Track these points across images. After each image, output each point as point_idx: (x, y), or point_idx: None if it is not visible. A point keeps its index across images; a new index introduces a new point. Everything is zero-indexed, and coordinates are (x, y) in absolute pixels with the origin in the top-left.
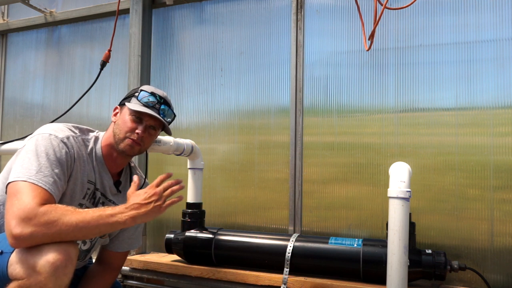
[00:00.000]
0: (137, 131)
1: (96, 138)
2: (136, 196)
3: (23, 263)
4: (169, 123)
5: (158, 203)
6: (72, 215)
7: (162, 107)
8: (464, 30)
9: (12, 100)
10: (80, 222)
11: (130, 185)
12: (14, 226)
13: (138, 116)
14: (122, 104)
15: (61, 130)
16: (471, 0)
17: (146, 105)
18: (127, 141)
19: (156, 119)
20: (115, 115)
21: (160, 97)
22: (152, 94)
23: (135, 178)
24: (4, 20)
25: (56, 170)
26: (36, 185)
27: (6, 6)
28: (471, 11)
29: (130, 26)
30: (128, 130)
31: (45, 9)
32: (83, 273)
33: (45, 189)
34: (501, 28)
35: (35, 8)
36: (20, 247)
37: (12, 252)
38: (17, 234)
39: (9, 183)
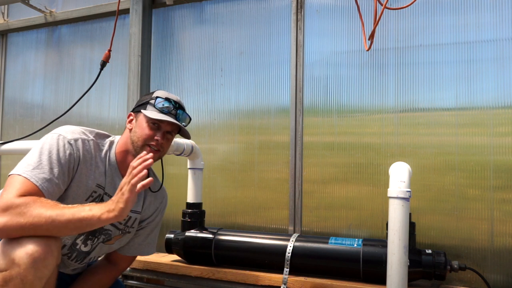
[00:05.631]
0: (156, 137)
1: (111, 143)
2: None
3: (4, 255)
4: (185, 126)
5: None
6: (49, 208)
7: (178, 112)
8: (464, 30)
9: (12, 100)
10: (55, 216)
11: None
12: None
13: (156, 123)
14: (136, 111)
15: (72, 132)
16: (471, 0)
17: (162, 111)
18: (147, 148)
19: (174, 124)
20: (130, 121)
21: (175, 102)
22: (167, 99)
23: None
24: (4, 20)
25: (55, 170)
26: (28, 180)
27: (6, 6)
28: (471, 11)
29: (130, 26)
30: (146, 138)
31: (45, 9)
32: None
33: (35, 185)
34: (501, 28)
35: (35, 8)
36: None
37: None
38: None
39: (9, 175)
